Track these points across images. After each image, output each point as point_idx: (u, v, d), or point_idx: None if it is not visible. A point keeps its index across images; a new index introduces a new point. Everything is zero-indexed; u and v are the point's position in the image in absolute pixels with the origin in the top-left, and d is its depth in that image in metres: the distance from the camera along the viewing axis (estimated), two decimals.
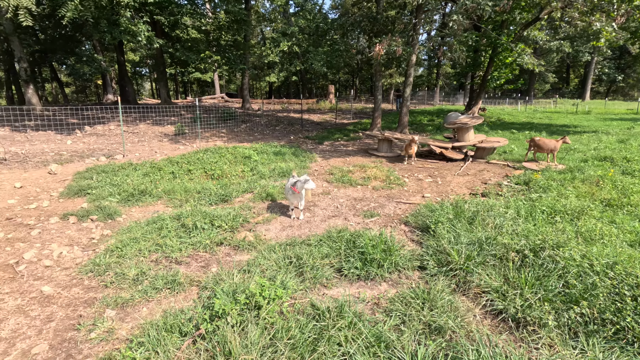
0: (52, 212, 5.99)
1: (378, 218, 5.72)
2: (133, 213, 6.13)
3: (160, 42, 15.29)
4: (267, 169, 8.78)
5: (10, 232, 5.14)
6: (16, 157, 9.52)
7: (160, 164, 8.88)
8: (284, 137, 15.57)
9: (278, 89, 57.39)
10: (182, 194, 6.93)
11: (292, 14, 40.92)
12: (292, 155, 10.57)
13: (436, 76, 40.85)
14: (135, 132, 14.65)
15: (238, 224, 5.31)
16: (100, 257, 4.22)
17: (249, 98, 25.99)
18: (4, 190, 7.03)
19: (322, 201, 6.64)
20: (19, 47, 16.32)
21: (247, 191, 7.26)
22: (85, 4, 11.29)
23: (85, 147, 11.42)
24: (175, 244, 4.53)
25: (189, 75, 44.04)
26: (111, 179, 7.57)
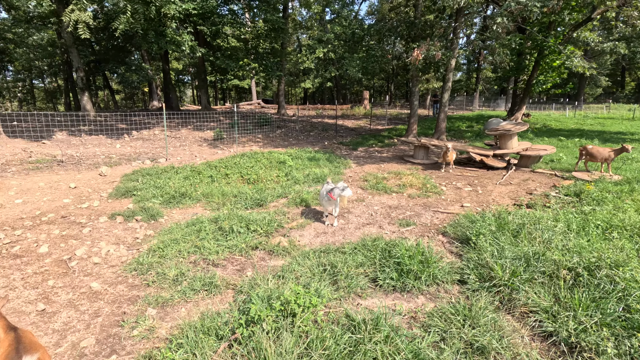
0: (101, 212, 6.38)
1: (414, 227, 5.55)
2: (174, 215, 6.39)
3: (202, 51, 15.98)
4: (301, 175, 8.84)
5: (65, 229, 5.53)
6: (71, 160, 10.28)
7: (199, 167, 9.22)
8: (318, 142, 15.65)
9: (313, 95, 58.00)
10: (220, 197, 7.14)
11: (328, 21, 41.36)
12: (326, 161, 10.59)
13: (475, 81, 39.45)
14: (177, 136, 15.36)
15: (273, 229, 5.36)
16: (143, 257, 4.42)
17: (285, 104, 26.47)
18: (60, 190, 7.59)
19: (356, 208, 6.56)
20: (77, 58, 17.73)
21: (282, 196, 7.33)
22: (135, 17, 12.09)
23: (132, 151, 12.13)
24: (213, 247, 4.65)
25: (227, 83, 45.66)
26: (154, 182, 7.95)
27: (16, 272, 4.14)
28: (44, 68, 40.71)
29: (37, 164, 9.44)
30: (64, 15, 10.82)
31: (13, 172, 8.62)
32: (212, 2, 15.90)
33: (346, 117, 26.33)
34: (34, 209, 6.45)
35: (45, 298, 3.59)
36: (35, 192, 7.32)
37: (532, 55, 17.75)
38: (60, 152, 11.02)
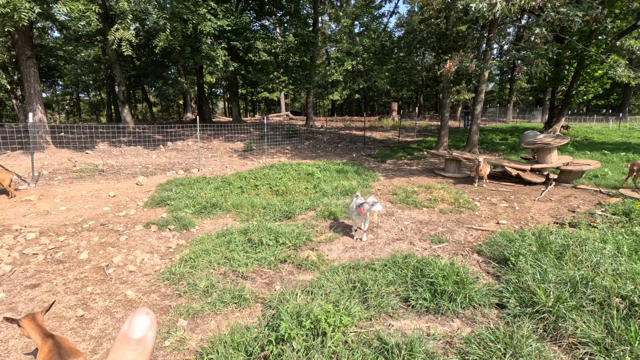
0: (137, 220, 6.62)
1: (447, 244, 5.35)
2: (205, 225, 6.53)
3: (235, 65, 16.53)
4: (329, 187, 8.82)
5: (104, 236, 5.77)
6: (111, 169, 10.82)
7: (230, 178, 9.42)
8: (346, 154, 15.61)
9: (340, 106, 58.33)
10: (249, 208, 7.23)
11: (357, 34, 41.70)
12: (354, 173, 10.51)
13: (509, 92, 38.16)
14: (209, 147, 15.84)
15: (301, 242, 5.34)
16: (175, 266, 4.51)
17: (313, 116, 26.74)
18: (100, 199, 7.98)
19: (386, 223, 6.43)
20: (119, 73, 18.84)
21: (310, 208, 7.32)
22: (174, 34, 12.74)
23: (167, 161, 12.61)
24: (242, 259, 4.68)
25: (257, 95, 46.89)
26: (187, 192, 8.19)
27: (59, 277, 4.34)
28: (90, 82, 43.60)
29: (80, 173, 10.01)
30: (109, 34, 11.60)
31: (59, 181, 9.18)
32: (246, 18, 16.48)
33: (374, 129, 26.19)
34: (76, 216, 6.80)
35: (84, 304, 3.73)
36: (78, 200, 7.73)
37: (572, 65, 16.98)
38: (101, 161, 11.64)
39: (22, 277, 4.31)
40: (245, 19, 16.24)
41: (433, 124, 30.09)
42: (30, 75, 10.91)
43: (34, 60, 11.00)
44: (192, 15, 12.53)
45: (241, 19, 16.32)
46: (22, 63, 10.88)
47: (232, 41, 16.58)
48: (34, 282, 4.21)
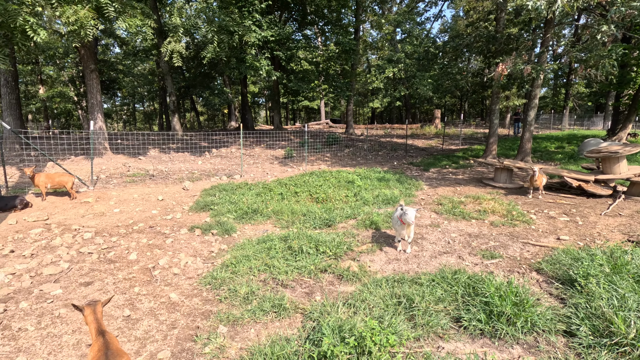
0: (182, 224, 6.83)
1: (500, 260, 4.92)
2: (246, 230, 6.58)
3: (277, 75, 16.90)
4: (370, 195, 8.58)
5: (152, 238, 6.00)
6: (161, 174, 11.39)
7: (270, 185, 9.51)
8: (387, 162, 15.26)
9: (381, 114, 57.71)
10: (289, 215, 7.20)
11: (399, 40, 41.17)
12: (396, 181, 10.19)
13: (564, 97, 35.52)
14: (251, 154, 16.23)
15: (342, 252, 5.17)
16: (217, 271, 4.54)
17: (353, 123, 26.61)
18: (150, 202, 8.37)
19: (431, 234, 6.08)
20: (170, 84, 20.00)
21: (351, 217, 7.14)
22: (221, 46, 13.30)
23: (211, 167, 13.07)
24: (282, 266, 4.61)
25: (298, 104, 47.73)
26: (230, 197, 8.35)
27: (109, 276, 4.53)
28: (144, 94, 46.92)
29: (133, 177, 10.62)
30: (162, 47, 12.37)
31: (114, 184, 9.79)
32: (288, 28, 16.84)
33: (416, 137, 25.48)
34: (128, 218, 7.16)
35: (130, 304, 3.84)
36: (130, 203, 8.16)
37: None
38: (152, 167, 12.31)
39: (77, 275, 4.55)
40: (288, 30, 16.59)
41: (479, 131, 28.71)
42: (93, 87, 11.88)
43: (96, 73, 11.98)
44: (238, 27, 13.00)
45: (284, 29, 16.70)
46: (86, 76, 11.89)
47: (275, 51, 17.00)
48: (88, 280, 4.42)
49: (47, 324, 3.46)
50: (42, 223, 6.63)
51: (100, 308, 2.55)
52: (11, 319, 3.53)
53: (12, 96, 12.84)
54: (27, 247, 5.47)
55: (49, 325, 3.43)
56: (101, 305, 2.57)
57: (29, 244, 5.61)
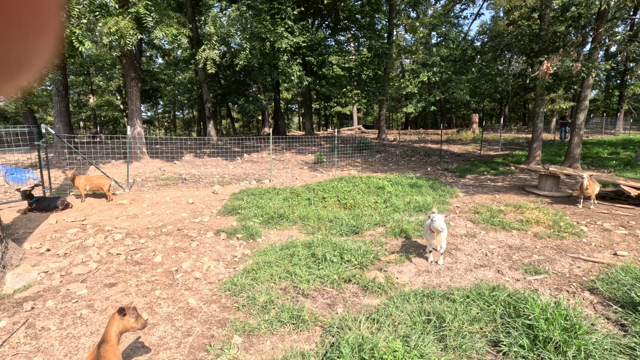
0: (209, 227, 6.84)
1: (546, 277, 4.41)
2: (271, 235, 6.46)
3: (309, 80, 16.90)
4: (401, 202, 8.20)
5: (178, 241, 6.03)
6: (193, 178, 11.65)
7: (298, 190, 9.38)
8: (420, 168, 14.69)
9: (415, 119, 56.41)
10: (316, 221, 7.00)
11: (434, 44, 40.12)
12: (429, 188, 9.71)
13: (619, 99, 32.77)
14: (281, 160, 16.28)
15: (368, 261, 4.88)
16: (238, 277, 4.42)
17: (385, 129, 26.11)
18: (180, 205, 8.52)
19: (467, 245, 5.63)
20: (206, 92, 20.65)
21: (379, 224, 6.82)
22: (253, 52, 13.51)
23: (242, 172, 13.21)
24: (304, 275, 4.41)
25: (331, 109, 47.78)
26: (257, 202, 8.31)
27: (133, 278, 4.55)
28: (184, 102, 49.08)
29: (166, 181, 10.94)
30: (197, 54, 12.75)
31: (148, 187, 10.11)
32: (320, 34, 16.83)
33: (452, 142, 24.51)
34: (158, 220, 7.30)
35: (149, 308, 3.79)
36: (161, 205, 8.35)
37: None
38: (185, 171, 12.64)
39: (104, 276, 4.61)
40: (320, 35, 16.59)
41: (521, 136, 27.13)
42: (133, 94, 12.46)
43: (136, 81, 12.56)
44: (270, 34, 13.16)
45: (316, 35, 16.71)
46: (127, 84, 12.51)
47: (307, 57, 17.03)
48: (113, 281, 4.46)
49: (68, 324, 3.48)
50: (79, 223, 6.91)
51: (120, 320, 2.47)
52: (37, 317, 3.60)
53: (63, 104, 13.74)
54: (62, 246, 5.68)
55: (70, 326, 3.44)
56: (127, 317, 2.49)
57: (64, 243, 5.83)
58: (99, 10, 8.80)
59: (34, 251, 5.41)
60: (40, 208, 7.40)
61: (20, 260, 4.94)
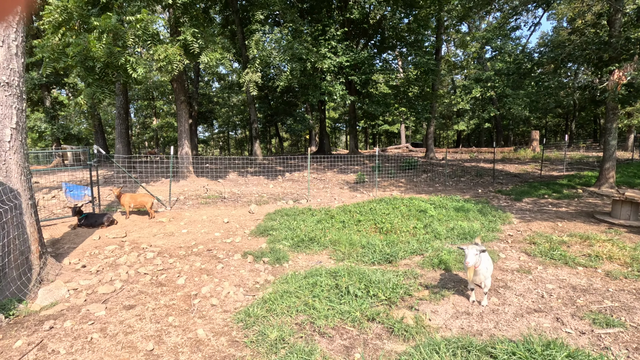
0: (238, 249, 6.72)
1: (621, 331, 3.55)
2: (299, 260, 6.15)
3: (352, 99, 16.75)
4: (443, 228, 7.48)
5: (205, 262, 5.95)
6: (233, 197, 11.84)
7: (334, 211, 9.03)
8: (470, 189, 13.61)
9: (467, 137, 53.74)
10: (347, 246, 6.58)
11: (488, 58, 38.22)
12: (477, 212, 8.82)
13: None
14: (322, 179, 16.10)
15: (397, 297, 4.35)
16: (253, 307, 4.14)
17: (434, 147, 24.99)
18: (216, 224, 8.58)
19: (519, 283, 4.84)
20: (253, 112, 21.41)
21: (416, 253, 6.21)
22: (293, 73, 13.73)
23: (280, 191, 13.21)
24: (324, 309, 4.01)
25: (378, 128, 47.27)
26: (290, 223, 8.10)
27: (152, 301, 4.47)
28: (237, 122, 51.67)
29: (207, 199, 11.21)
30: (241, 77, 13.23)
31: (189, 205, 10.41)
32: (364, 53, 16.71)
33: (508, 161, 22.67)
34: (191, 239, 7.36)
35: (158, 337, 3.63)
36: (197, 224, 8.47)
37: None
38: (227, 189, 12.93)
39: (125, 296, 4.60)
40: (363, 54, 16.48)
41: (590, 154, 24.38)
42: (182, 116, 13.19)
43: (186, 104, 13.30)
44: (311, 55, 13.30)
45: (360, 54, 16.62)
46: (178, 106, 13.29)
47: (350, 76, 16.95)
48: (132, 303, 4.42)
49: (77, 348, 3.42)
50: (118, 240, 7.18)
51: None
52: (51, 338, 3.60)
53: (123, 126, 14.92)
54: (97, 262, 5.86)
55: (78, 351, 3.38)
56: None
57: (100, 260, 6.02)
58: (151, 39, 9.47)
59: (71, 267, 5.63)
60: (88, 224, 7.85)
61: (56, 276, 5.14)
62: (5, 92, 4.51)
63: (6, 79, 4.49)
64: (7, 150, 4.58)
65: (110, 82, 10.00)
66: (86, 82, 9.65)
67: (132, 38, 9.36)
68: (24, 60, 4.75)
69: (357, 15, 17.05)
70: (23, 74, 4.76)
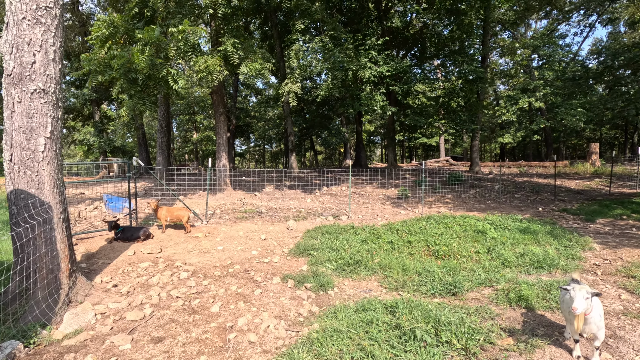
0: (277, 270, 6.10)
1: None
2: (345, 287, 5.41)
3: (393, 110, 15.97)
4: (511, 253, 6.44)
5: (241, 286, 5.37)
6: (270, 211, 11.36)
7: (379, 230, 8.23)
8: (528, 207, 12.23)
9: (512, 150, 50.77)
10: (400, 272, 5.75)
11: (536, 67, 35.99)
12: (547, 235, 7.64)
13: None
14: (361, 193, 15.31)
15: (476, 345, 3.48)
16: (298, 349, 3.45)
17: (479, 160, 23.42)
18: (253, 241, 8.06)
19: (631, 332, 3.79)
20: (290, 125, 21.18)
21: (485, 284, 5.26)
22: (335, 82, 13.25)
23: (319, 206, 12.57)
24: (385, 358, 3.23)
25: (415, 141, 45.84)
26: (332, 242, 7.40)
27: (183, 332, 3.92)
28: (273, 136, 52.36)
29: (244, 214, 10.80)
30: (280, 88, 12.96)
31: (225, 220, 10.02)
32: (406, 62, 15.96)
33: (564, 176, 20.65)
34: (227, 257, 6.86)
35: None
36: (233, 241, 7.99)
37: None
38: (264, 203, 12.51)
39: (154, 325, 4.09)
40: (405, 63, 15.74)
41: None
42: (221, 128, 13.06)
43: (225, 116, 13.19)
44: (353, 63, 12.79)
45: (401, 63, 15.90)
46: (216, 118, 13.21)
47: (391, 86, 16.23)
48: (161, 334, 3.89)
49: None
50: (153, 256, 6.82)
51: None
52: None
53: (164, 139, 15.10)
54: (129, 282, 5.47)
55: None
56: None
57: (132, 279, 5.63)
58: (192, 51, 9.37)
59: (102, 286, 5.26)
60: (124, 238, 7.61)
61: (85, 297, 4.76)
62: (41, 99, 4.25)
63: (42, 86, 4.24)
64: (40, 161, 4.29)
65: (152, 94, 10.02)
66: (128, 94, 9.69)
67: (174, 50, 9.30)
68: (61, 67, 4.51)
69: (398, 23, 16.42)
70: (60, 81, 4.52)
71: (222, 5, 9.68)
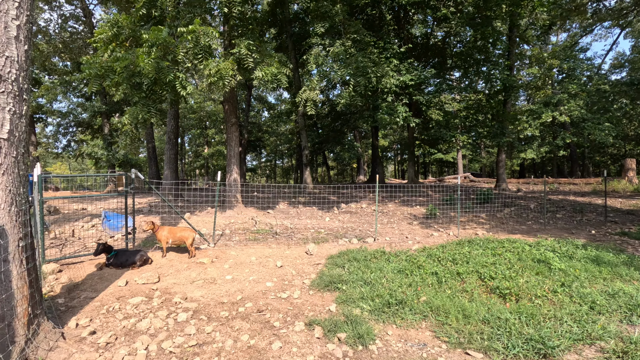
0: (299, 311, 4.84)
1: None
2: (390, 339, 4.12)
3: (416, 121, 14.80)
4: (595, 292, 5.06)
5: (255, 335, 4.14)
6: (285, 231, 10.14)
7: (417, 257, 6.91)
8: (577, 229, 10.73)
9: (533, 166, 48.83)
10: (459, 318, 4.43)
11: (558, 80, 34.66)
12: (627, 266, 6.22)
13: None
14: (384, 212, 14.00)
15: None
16: None
17: (505, 177, 21.92)
18: (267, 268, 6.83)
19: None
20: (305, 139, 20.18)
21: (581, 340, 3.90)
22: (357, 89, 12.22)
23: (339, 226, 11.31)
24: None
25: (430, 157, 44.41)
26: (363, 273, 6.11)
27: None
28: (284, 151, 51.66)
29: (256, 234, 9.61)
30: (297, 96, 11.98)
31: (235, 242, 8.83)
32: (431, 71, 14.88)
33: (600, 194, 18.98)
34: (237, 290, 5.64)
35: None
36: (244, 268, 6.78)
37: None
38: (278, 222, 11.32)
39: None
40: (430, 71, 14.65)
41: None
42: (232, 139, 12.06)
43: (236, 127, 12.21)
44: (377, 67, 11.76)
45: (424, 72, 14.83)
46: (228, 129, 12.23)
47: (414, 96, 15.10)
48: None
49: None
50: (148, 288, 5.64)
51: None
52: None
53: (172, 152, 14.17)
54: (112, 326, 4.28)
55: None
56: None
57: (118, 321, 4.44)
58: (202, 53, 8.45)
59: (76, 333, 4.08)
60: (117, 264, 6.47)
61: (48, 352, 3.58)
62: None
63: None
64: None
65: (158, 100, 9.11)
66: (132, 101, 8.77)
67: (183, 52, 8.39)
68: (28, 48, 3.47)
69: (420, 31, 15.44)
70: (27, 67, 3.48)
71: (238, 4, 8.80)
